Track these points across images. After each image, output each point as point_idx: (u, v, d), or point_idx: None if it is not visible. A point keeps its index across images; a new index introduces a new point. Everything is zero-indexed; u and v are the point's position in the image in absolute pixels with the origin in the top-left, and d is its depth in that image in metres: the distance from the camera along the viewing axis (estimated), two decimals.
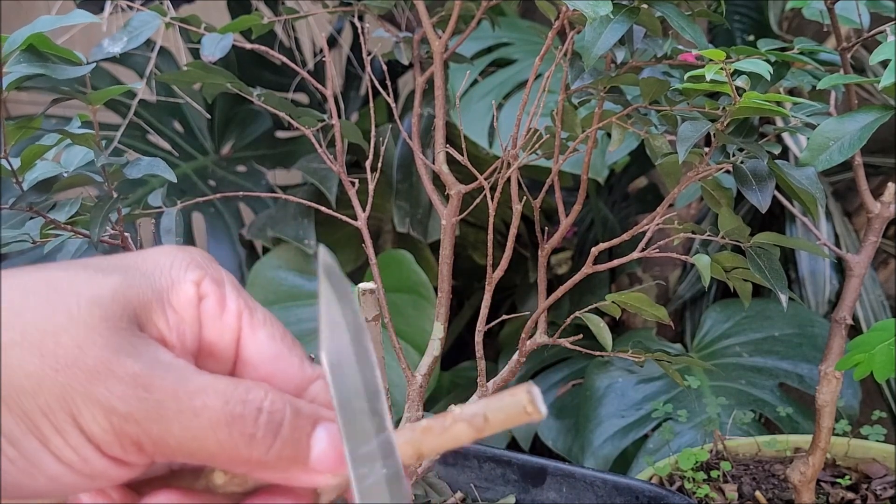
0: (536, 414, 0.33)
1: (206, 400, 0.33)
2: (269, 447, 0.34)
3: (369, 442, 0.35)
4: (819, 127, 0.71)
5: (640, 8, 0.70)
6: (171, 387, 0.33)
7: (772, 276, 0.73)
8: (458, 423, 0.33)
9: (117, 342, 0.33)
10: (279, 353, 0.37)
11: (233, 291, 0.37)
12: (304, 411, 0.35)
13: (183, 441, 0.33)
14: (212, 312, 0.36)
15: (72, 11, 0.74)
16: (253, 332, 0.37)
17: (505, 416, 0.33)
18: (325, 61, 0.83)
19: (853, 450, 1.01)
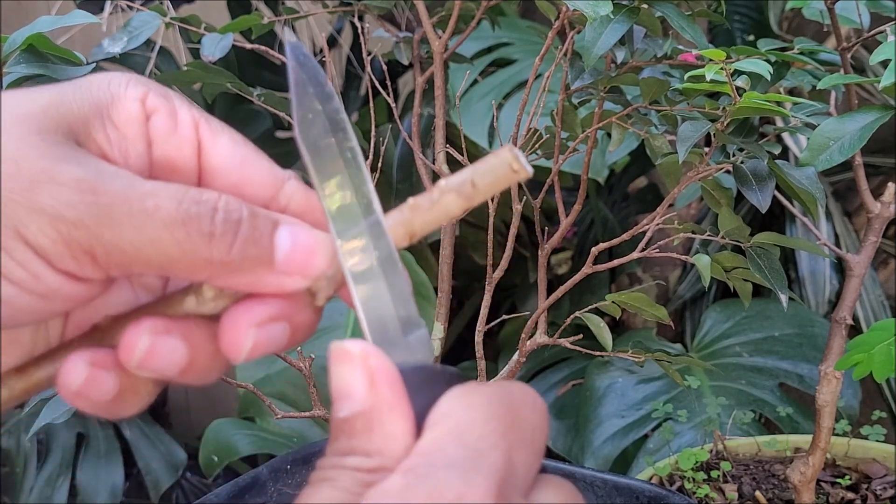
0: (523, 171, 0.32)
1: (158, 201, 0.31)
2: (231, 245, 0.32)
3: (357, 225, 0.33)
4: (819, 127, 0.71)
5: (640, 8, 0.70)
6: (119, 190, 0.31)
7: (772, 276, 0.73)
8: (447, 194, 0.32)
9: (55, 152, 0.31)
10: (245, 156, 0.35)
11: (183, 104, 0.35)
12: (261, 212, 0.33)
13: (138, 246, 0.31)
14: (163, 128, 0.34)
15: (71, 12, 0.74)
16: (214, 140, 0.35)
17: (492, 177, 0.32)
18: (324, 61, 0.83)
19: (853, 450, 1.01)
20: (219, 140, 0.35)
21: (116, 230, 0.31)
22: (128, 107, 0.34)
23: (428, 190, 0.34)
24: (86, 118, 0.33)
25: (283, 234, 0.33)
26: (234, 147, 0.35)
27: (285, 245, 0.33)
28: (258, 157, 0.35)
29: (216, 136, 0.35)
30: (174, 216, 0.31)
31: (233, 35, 0.78)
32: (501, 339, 1.59)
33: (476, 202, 0.32)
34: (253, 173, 0.35)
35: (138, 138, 0.34)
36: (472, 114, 1.35)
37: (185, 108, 0.35)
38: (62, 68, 0.72)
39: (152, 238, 0.31)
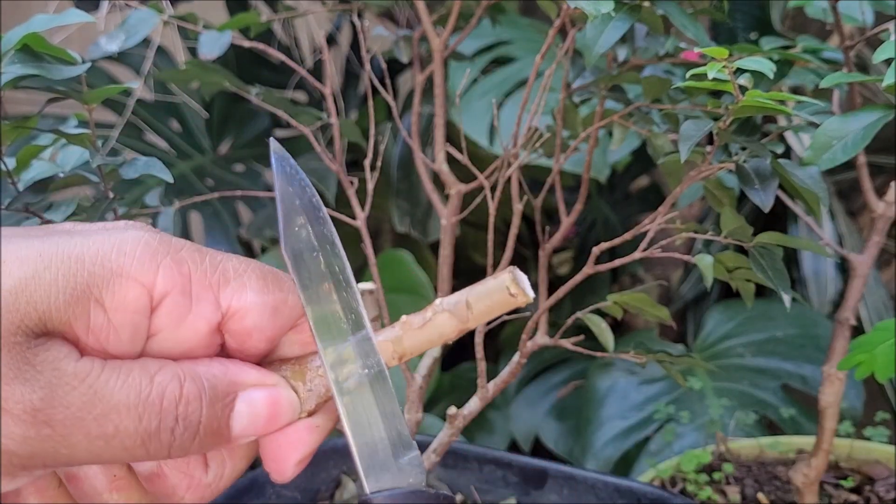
0: (522, 296, 0.31)
1: (118, 422, 0.30)
2: (189, 446, 0.32)
3: (344, 341, 0.33)
4: (822, 126, 0.71)
5: (641, 6, 0.70)
6: (75, 414, 0.29)
7: (775, 276, 0.72)
8: (441, 314, 0.32)
9: (13, 364, 0.29)
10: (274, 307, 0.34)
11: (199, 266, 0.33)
12: (220, 390, 0.32)
13: (94, 462, 0.31)
14: (176, 313, 0.33)
15: (68, 10, 0.74)
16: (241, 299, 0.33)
17: (489, 300, 0.31)
18: (323, 60, 0.83)
19: (856, 451, 1.01)
20: (245, 299, 0.34)
21: (72, 453, 0.30)
22: (126, 293, 0.31)
23: (423, 308, 0.33)
24: (64, 302, 0.30)
25: (239, 410, 0.33)
26: (261, 299, 0.34)
27: (241, 420, 0.33)
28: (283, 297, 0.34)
29: (242, 293, 0.34)
30: (134, 440, 0.30)
31: (231, 33, 0.78)
32: (502, 339, 1.58)
33: (471, 325, 0.32)
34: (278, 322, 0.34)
35: (128, 327, 0.31)
36: (473, 112, 1.35)
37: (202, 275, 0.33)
38: (58, 68, 0.71)
39: (109, 457, 0.30)
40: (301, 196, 0.35)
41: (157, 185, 0.92)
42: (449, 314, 0.32)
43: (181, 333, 0.33)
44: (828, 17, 0.79)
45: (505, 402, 1.41)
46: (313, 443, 0.35)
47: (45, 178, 0.75)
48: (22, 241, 0.30)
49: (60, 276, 0.30)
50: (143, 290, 0.32)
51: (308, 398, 0.34)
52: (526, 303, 0.31)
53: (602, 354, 0.78)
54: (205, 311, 0.33)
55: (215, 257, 0.34)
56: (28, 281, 0.29)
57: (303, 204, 0.35)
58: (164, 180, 0.74)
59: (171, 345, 0.33)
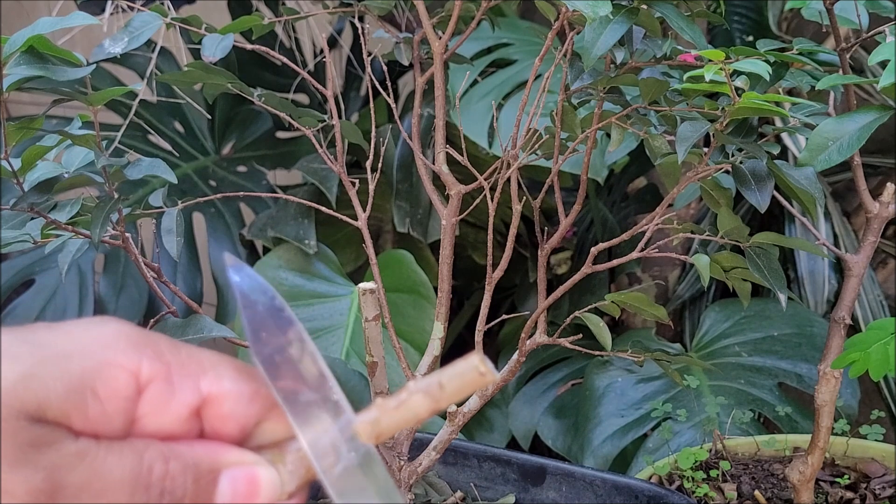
0: (490, 375, 0.32)
1: (114, 498, 0.32)
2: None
3: (328, 430, 0.34)
4: (818, 127, 0.72)
5: (639, 8, 0.71)
6: (76, 493, 0.31)
7: (771, 275, 0.73)
8: (415, 395, 0.33)
9: (15, 448, 0.30)
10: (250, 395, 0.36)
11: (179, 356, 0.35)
12: (203, 467, 0.34)
13: None
14: (159, 399, 0.34)
15: (72, 13, 0.74)
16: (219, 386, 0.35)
17: (460, 380, 0.33)
18: (325, 62, 0.83)
19: (852, 449, 1.01)
20: (223, 386, 0.35)
21: None
22: (117, 381, 0.33)
23: (397, 390, 0.34)
24: (61, 395, 0.32)
25: (222, 487, 0.35)
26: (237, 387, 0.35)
27: (225, 497, 0.34)
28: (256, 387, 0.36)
29: (219, 381, 0.35)
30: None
31: (233, 35, 0.78)
32: (501, 338, 1.59)
33: (443, 405, 0.33)
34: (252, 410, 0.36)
35: (119, 413, 0.33)
36: (472, 114, 1.35)
37: (182, 364, 0.35)
38: (62, 69, 0.72)
39: None
40: (264, 302, 0.36)
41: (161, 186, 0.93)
42: (423, 394, 0.33)
43: (164, 418, 0.34)
44: (824, 19, 0.80)
45: (504, 400, 1.41)
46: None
47: (50, 178, 0.76)
48: (12, 338, 0.32)
49: (56, 371, 0.32)
50: (132, 376, 0.33)
51: (289, 479, 0.35)
52: (492, 382, 0.34)
53: (600, 353, 0.79)
54: (186, 396, 0.34)
55: (191, 350, 0.36)
56: (26, 374, 0.31)
57: (266, 310, 0.36)
58: (168, 181, 0.75)
59: (155, 428, 0.34)
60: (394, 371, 1.18)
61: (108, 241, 0.79)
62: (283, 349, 0.35)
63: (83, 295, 1.43)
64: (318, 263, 1.40)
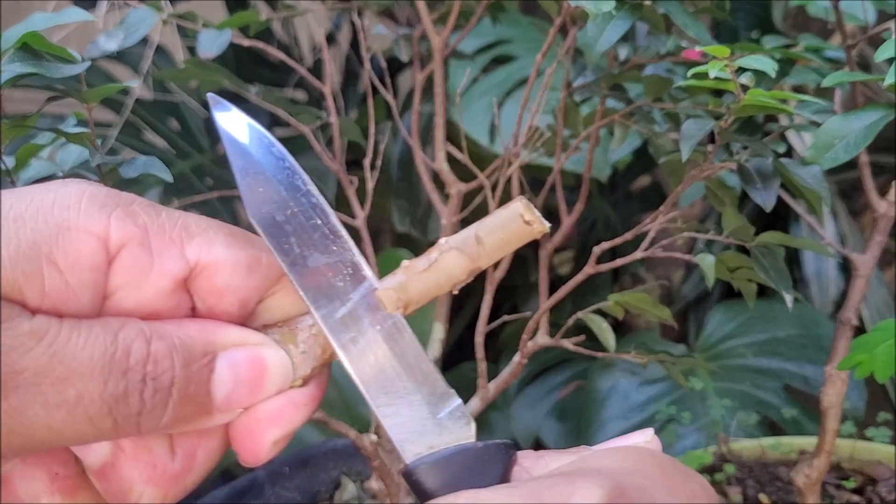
0: (538, 224, 0.27)
1: (82, 388, 0.26)
2: (162, 415, 0.27)
3: (345, 300, 0.29)
4: (824, 125, 0.70)
5: (643, 4, 0.70)
6: (31, 380, 0.25)
7: (776, 276, 0.72)
8: (447, 254, 0.28)
9: None
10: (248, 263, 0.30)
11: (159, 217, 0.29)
12: (195, 349, 0.28)
13: (55, 439, 0.26)
14: (136, 268, 0.28)
15: (67, 8, 0.73)
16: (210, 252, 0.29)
17: (502, 232, 0.27)
18: (323, 58, 0.82)
19: (858, 452, 1.00)
20: (214, 253, 0.30)
21: (29, 434, 0.26)
22: (79, 245, 0.27)
23: (427, 250, 0.30)
24: (8, 268, 0.26)
25: (221, 372, 0.29)
26: (232, 254, 0.30)
27: (224, 385, 0.29)
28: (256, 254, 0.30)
29: (210, 247, 0.30)
30: (100, 408, 0.26)
31: (230, 32, 0.77)
32: (502, 340, 1.58)
33: (483, 263, 0.28)
34: (253, 281, 0.30)
35: (85, 285, 0.28)
36: (473, 111, 1.35)
37: (161, 227, 0.29)
38: (57, 66, 0.71)
39: (73, 432, 0.27)
40: (258, 149, 0.31)
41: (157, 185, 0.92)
42: (457, 252, 0.28)
43: (142, 292, 0.29)
44: (829, 15, 0.79)
45: (505, 403, 1.40)
46: (297, 419, 0.30)
47: (43, 176, 0.75)
48: None
49: (3, 238, 0.26)
50: (98, 241, 0.28)
51: (302, 362, 0.29)
52: (542, 233, 0.27)
53: (603, 355, 0.78)
54: (168, 265, 0.29)
55: (172, 213, 0.30)
56: None
57: (263, 157, 0.30)
58: (164, 179, 0.74)
59: (132, 305, 0.28)
60: None
61: None
62: (285, 204, 0.30)
63: None
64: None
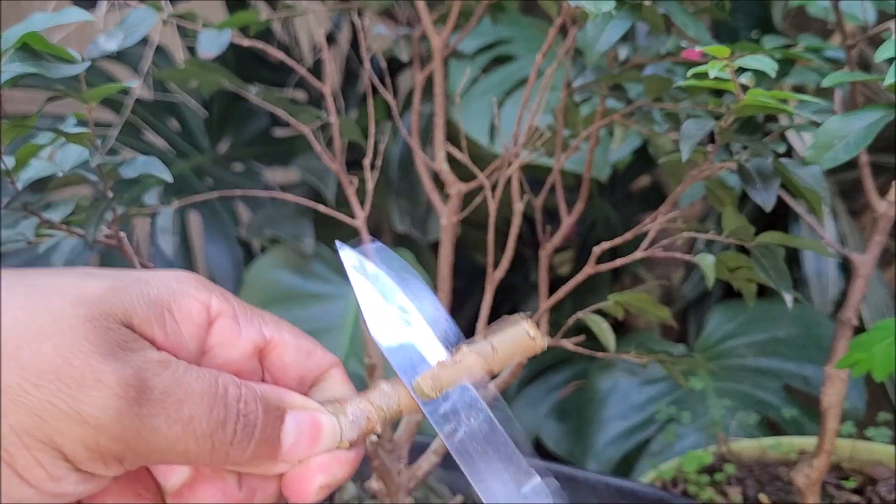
0: (540, 340, 0.34)
1: (193, 410, 0.33)
2: (246, 449, 0.34)
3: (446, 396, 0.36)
4: (824, 125, 0.70)
5: (642, 4, 0.70)
6: (159, 397, 0.32)
7: (776, 276, 0.72)
8: (468, 356, 0.36)
9: (105, 342, 0.31)
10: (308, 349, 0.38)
11: (243, 306, 0.37)
12: (272, 403, 0.35)
13: (166, 453, 0.32)
14: (228, 334, 0.36)
15: (66, 8, 0.73)
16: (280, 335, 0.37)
17: (511, 345, 0.35)
18: (323, 58, 0.82)
19: (858, 452, 1.00)
20: (284, 336, 0.38)
21: (151, 441, 0.32)
22: (190, 306, 0.35)
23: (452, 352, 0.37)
24: (144, 308, 0.33)
25: (289, 426, 0.36)
26: (296, 340, 0.38)
27: (290, 437, 0.36)
28: (314, 346, 0.38)
29: (280, 332, 0.38)
30: (205, 429, 0.33)
31: (230, 31, 0.77)
32: None
33: (495, 367, 0.36)
34: (311, 364, 0.38)
35: (193, 338, 0.35)
36: (473, 111, 1.34)
37: (246, 310, 0.37)
38: (57, 66, 0.71)
39: (182, 448, 0.33)
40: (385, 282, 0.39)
41: (156, 185, 0.91)
42: (477, 355, 0.35)
43: (231, 353, 0.36)
44: (829, 15, 0.79)
45: (506, 403, 1.40)
46: (340, 474, 0.37)
47: (43, 177, 0.75)
48: (92, 268, 0.35)
49: (136, 290, 0.34)
50: (203, 306, 0.35)
51: (349, 430, 0.36)
52: (542, 348, 0.35)
53: (603, 355, 0.78)
54: (251, 335, 0.37)
55: (252, 306, 0.38)
56: (112, 287, 0.33)
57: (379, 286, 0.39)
58: (164, 180, 0.74)
59: (222, 362, 0.36)
60: (393, 373, 1.17)
61: (103, 240, 0.78)
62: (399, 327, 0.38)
63: None
64: (316, 263, 1.39)
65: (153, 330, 0.34)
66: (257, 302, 1.39)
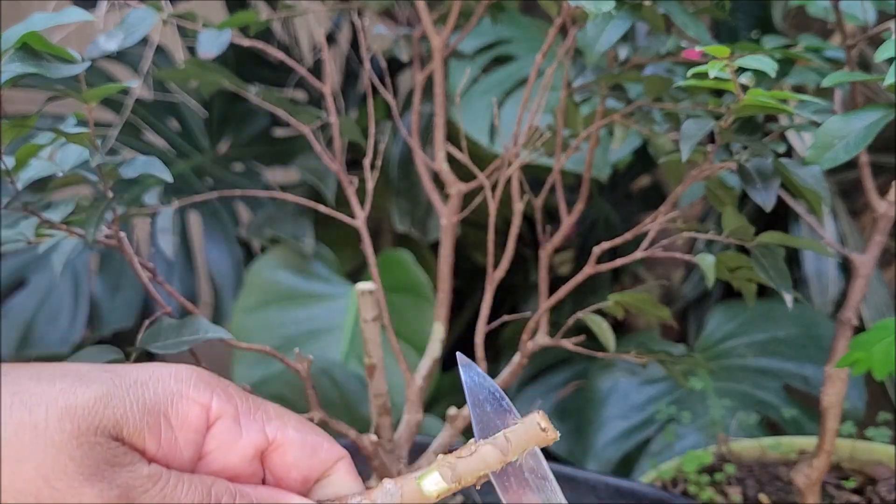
0: (552, 432, 0.37)
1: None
2: None
3: None
4: (824, 125, 0.70)
5: (642, 4, 0.70)
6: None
7: (776, 276, 0.72)
8: (484, 447, 0.37)
9: (91, 462, 0.30)
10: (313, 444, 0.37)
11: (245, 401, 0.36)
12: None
13: None
14: (227, 436, 0.35)
15: (67, 8, 0.73)
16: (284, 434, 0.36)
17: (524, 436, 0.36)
18: (323, 58, 0.82)
19: (858, 452, 1.00)
20: (288, 434, 0.37)
21: None
22: (188, 410, 0.34)
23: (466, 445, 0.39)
24: (137, 416, 0.33)
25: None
26: (301, 437, 0.37)
27: None
28: (320, 440, 0.38)
29: (284, 430, 0.37)
30: None
31: (230, 31, 0.77)
32: (502, 340, 1.58)
33: (510, 457, 0.38)
34: (316, 462, 0.37)
35: (189, 444, 0.34)
36: (473, 111, 1.34)
37: (248, 408, 0.36)
38: (57, 66, 0.71)
39: None
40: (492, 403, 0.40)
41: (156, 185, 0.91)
42: (492, 447, 0.37)
43: (229, 457, 0.35)
44: (829, 15, 0.79)
45: None
46: None
47: (43, 177, 0.75)
48: (90, 366, 0.33)
49: (132, 394, 0.33)
50: (202, 409, 0.34)
51: None
52: (554, 439, 0.37)
53: (603, 355, 0.78)
54: (253, 438, 0.36)
55: (257, 398, 0.37)
56: (105, 394, 0.32)
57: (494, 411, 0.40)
58: (164, 180, 0.74)
59: (220, 466, 0.35)
60: (393, 373, 1.17)
61: (103, 240, 0.78)
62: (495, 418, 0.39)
63: (78, 295, 1.42)
64: (315, 263, 1.39)
65: (145, 440, 0.33)
66: (257, 302, 1.40)
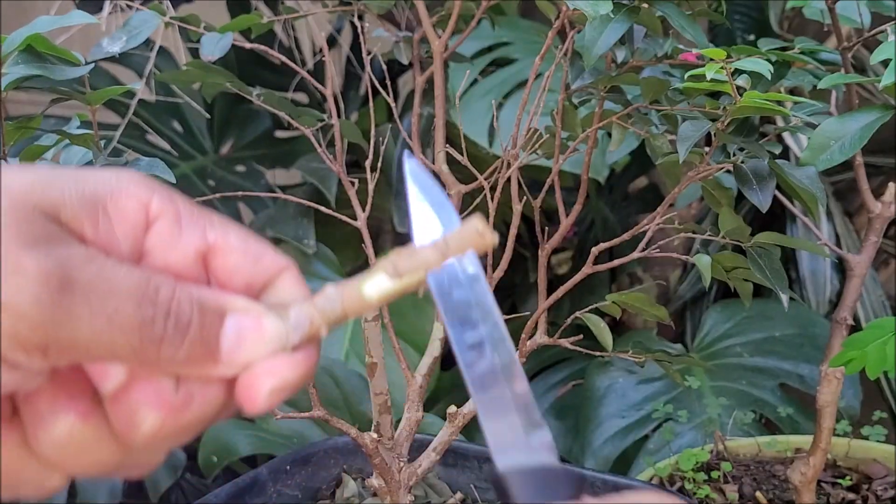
0: (489, 236, 0.35)
1: (119, 304, 0.31)
2: (178, 349, 0.33)
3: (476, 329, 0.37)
4: (820, 126, 0.71)
5: (640, 7, 0.70)
6: (83, 288, 0.31)
7: (772, 276, 0.73)
8: (424, 248, 0.36)
9: (28, 235, 0.30)
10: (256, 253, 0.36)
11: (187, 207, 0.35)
12: (209, 305, 0.34)
13: (92, 347, 0.31)
14: (167, 236, 0.34)
15: (70, 11, 0.74)
16: (225, 240, 0.35)
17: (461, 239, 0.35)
18: (324, 61, 0.83)
19: (854, 450, 1.01)
20: (229, 240, 0.36)
21: (74, 332, 0.31)
22: (127, 204, 0.34)
23: None
24: (74, 203, 0.32)
25: (228, 328, 0.34)
26: (243, 244, 0.36)
27: (230, 339, 0.34)
28: (264, 248, 0.36)
29: (226, 236, 0.36)
30: (131, 322, 0.32)
31: (232, 34, 0.78)
32: None
33: (448, 256, 0.36)
34: (259, 269, 0.36)
35: (128, 238, 0.34)
36: (472, 113, 1.35)
37: (190, 211, 0.35)
38: (60, 68, 0.72)
39: (107, 341, 0.31)
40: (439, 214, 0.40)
41: None
42: (431, 248, 0.36)
43: (170, 256, 0.34)
44: (825, 18, 0.79)
45: None
46: (291, 377, 0.35)
47: None
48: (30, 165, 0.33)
49: (71, 184, 0.32)
50: (141, 205, 0.34)
51: (294, 334, 0.35)
52: (492, 244, 0.35)
53: (601, 354, 0.79)
54: (193, 239, 0.35)
55: (199, 208, 0.36)
56: (43, 179, 0.32)
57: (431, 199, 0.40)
58: (167, 181, 0.75)
59: (160, 266, 0.34)
60: (393, 372, 1.17)
61: None
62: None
63: None
64: (317, 263, 1.40)
65: (83, 226, 0.32)
66: None
